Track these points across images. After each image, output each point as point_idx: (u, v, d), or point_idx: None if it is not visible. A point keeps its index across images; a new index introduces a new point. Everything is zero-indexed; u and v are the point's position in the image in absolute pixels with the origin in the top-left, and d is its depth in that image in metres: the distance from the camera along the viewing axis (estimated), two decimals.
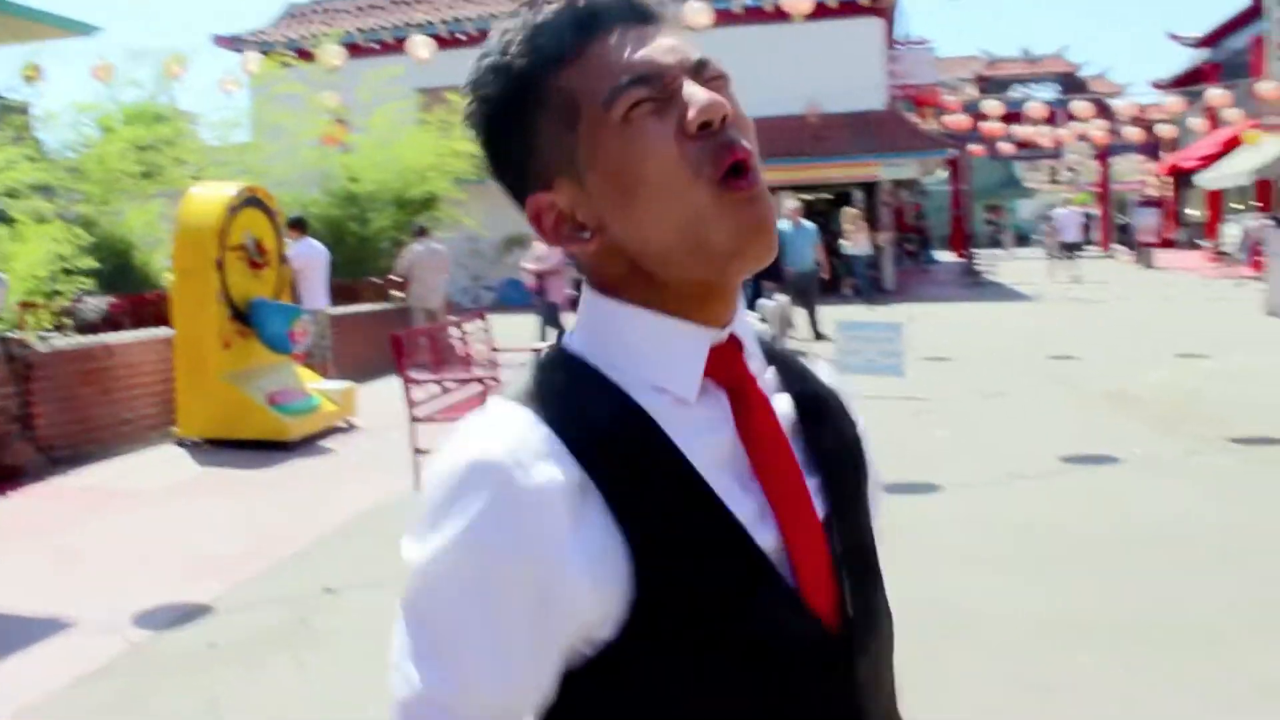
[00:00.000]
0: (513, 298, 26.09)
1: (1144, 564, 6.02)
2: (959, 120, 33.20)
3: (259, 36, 31.87)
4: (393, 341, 8.90)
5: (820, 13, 20.63)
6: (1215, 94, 25.75)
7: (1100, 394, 11.48)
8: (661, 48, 1.11)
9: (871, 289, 24.24)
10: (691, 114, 1.07)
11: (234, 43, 32.19)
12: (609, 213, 1.11)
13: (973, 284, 30.97)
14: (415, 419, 8.59)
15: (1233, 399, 10.75)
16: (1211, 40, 40.35)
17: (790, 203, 17.89)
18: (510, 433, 1.04)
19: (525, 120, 1.12)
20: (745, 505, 1.09)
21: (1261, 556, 6.06)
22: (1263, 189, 32.43)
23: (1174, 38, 42.52)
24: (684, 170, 1.07)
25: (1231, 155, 33.55)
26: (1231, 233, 33.44)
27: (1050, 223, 35.97)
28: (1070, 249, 32.21)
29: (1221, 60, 39.36)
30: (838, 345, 11.80)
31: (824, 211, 27.90)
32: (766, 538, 1.09)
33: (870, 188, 29.02)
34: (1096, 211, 51.75)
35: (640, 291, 1.13)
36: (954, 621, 5.21)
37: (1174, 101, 30.82)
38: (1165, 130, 35.31)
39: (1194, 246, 39.26)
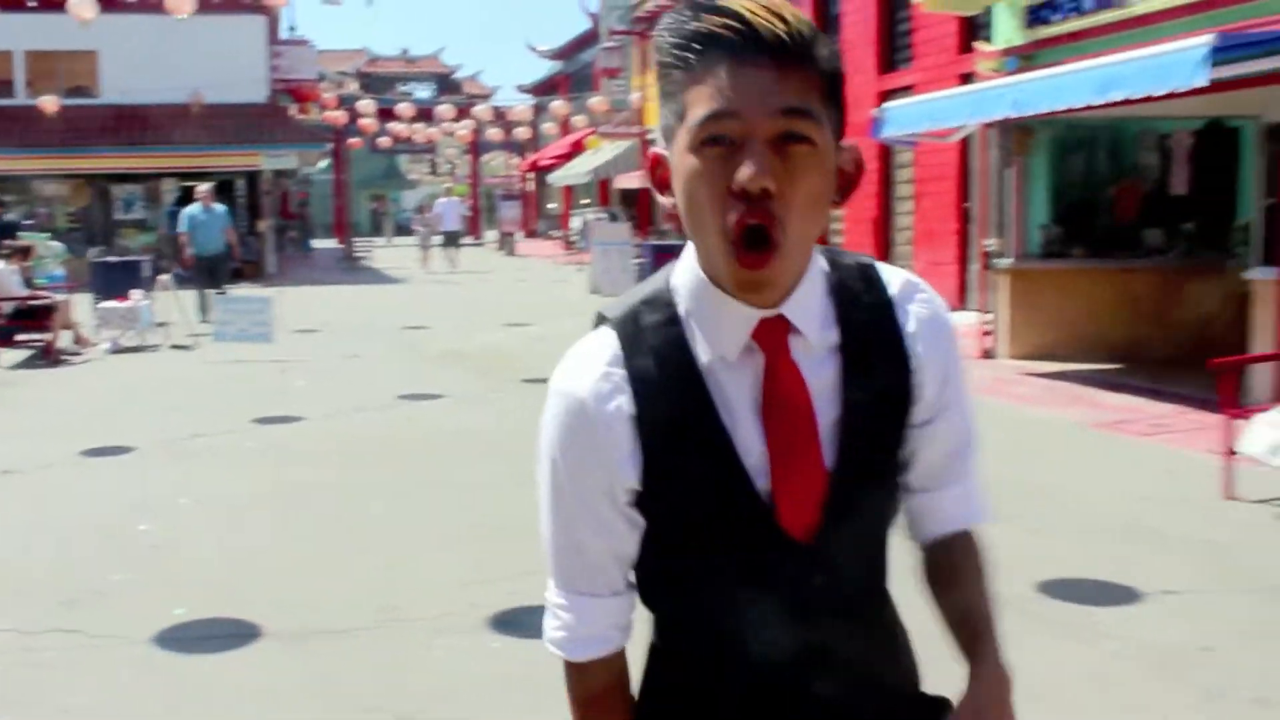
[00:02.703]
0: None
1: (443, 455, 8.54)
2: (338, 115, 35.38)
3: None
4: None
5: (205, 7, 21.79)
6: (558, 104, 29.63)
7: (438, 353, 14.19)
8: (752, 93, 1.29)
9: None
10: (735, 181, 1.30)
11: None
12: (678, 197, 1.38)
13: (350, 268, 33.38)
14: None
15: (535, 354, 13.74)
16: (564, 54, 45.14)
17: (202, 187, 18.34)
18: (597, 361, 1.43)
19: (664, 91, 1.38)
20: (758, 446, 1.41)
21: (503, 449, 8.74)
22: (602, 186, 37.34)
23: (532, 49, 46.95)
24: (717, 215, 1.32)
25: (579, 157, 38.25)
26: (576, 224, 38.13)
27: (423, 214, 38.01)
28: (451, 237, 33.21)
29: (572, 72, 44.25)
30: (215, 316, 13.60)
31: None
32: (765, 478, 1.41)
33: (253, 177, 30.51)
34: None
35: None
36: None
37: (527, 107, 34.65)
38: (524, 131, 39.31)
39: (550, 236, 44.05)
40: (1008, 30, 13.36)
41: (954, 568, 1.61)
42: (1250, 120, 11.62)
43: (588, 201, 40.13)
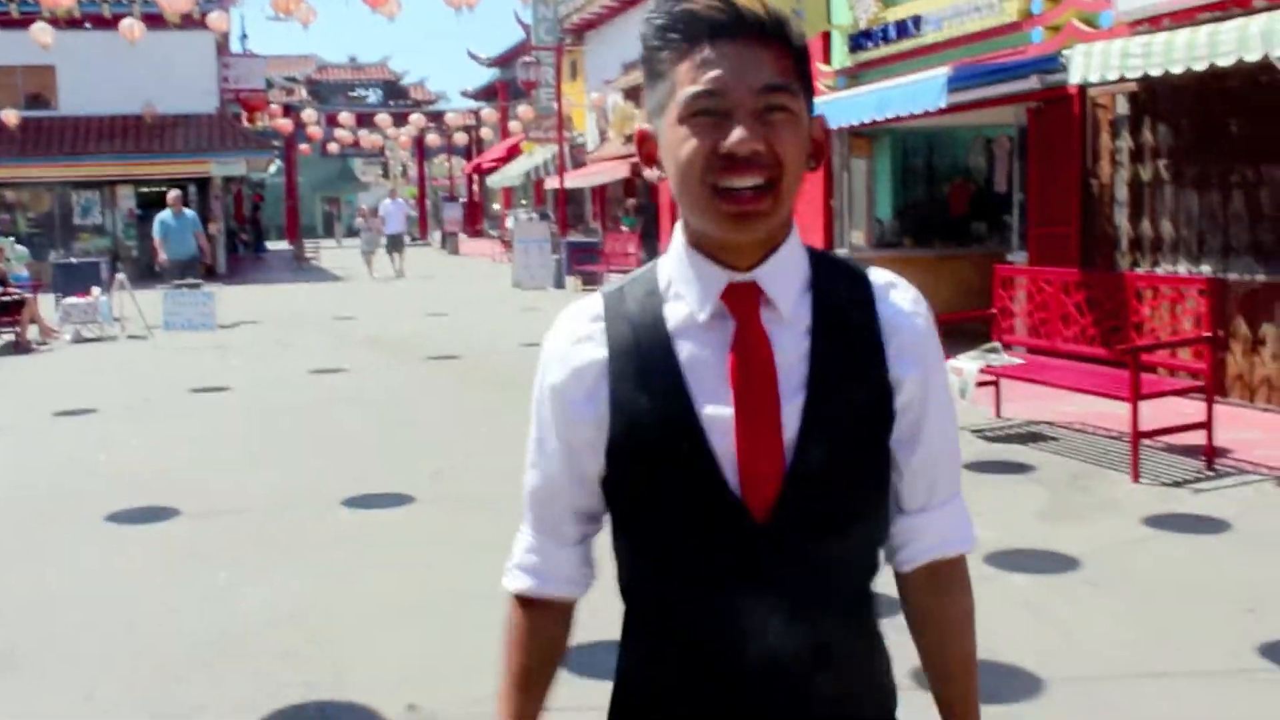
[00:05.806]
0: None
1: (331, 409, 10.67)
2: (284, 123, 37.39)
3: None
4: None
5: (156, 22, 23.59)
6: (488, 111, 31.67)
7: (361, 339, 16.37)
8: (737, 69, 1.41)
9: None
10: (724, 146, 1.41)
11: None
12: (667, 166, 1.49)
13: (298, 269, 35.45)
14: None
15: (442, 338, 15.95)
16: (502, 61, 47.04)
17: (172, 194, 19.37)
18: (581, 317, 1.56)
19: (651, 72, 1.50)
20: (723, 410, 1.46)
21: (378, 405, 10.91)
22: (538, 187, 39.52)
23: (472, 57, 48.71)
24: (706, 173, 1.42)
25: (515, 160, 40.42)
26: (510, 223, 40.27)
27: (368, 216, 37.53)
28: (395, 240, 31.74)
29: (509, 79, 46.19)
30: (164, 307, 15.71)
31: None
32: (725, 441, 1.45)
33: (204, 183, 32.49)
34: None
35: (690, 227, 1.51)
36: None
37: (468, 112, 36.56)
38: (464, 136, 41.17)
39: (491, 236, 46.16)
40: (840, 54, 15.63)
41: (935, 610, 1.63)
42: None
43: (525, 202, 42.24)
